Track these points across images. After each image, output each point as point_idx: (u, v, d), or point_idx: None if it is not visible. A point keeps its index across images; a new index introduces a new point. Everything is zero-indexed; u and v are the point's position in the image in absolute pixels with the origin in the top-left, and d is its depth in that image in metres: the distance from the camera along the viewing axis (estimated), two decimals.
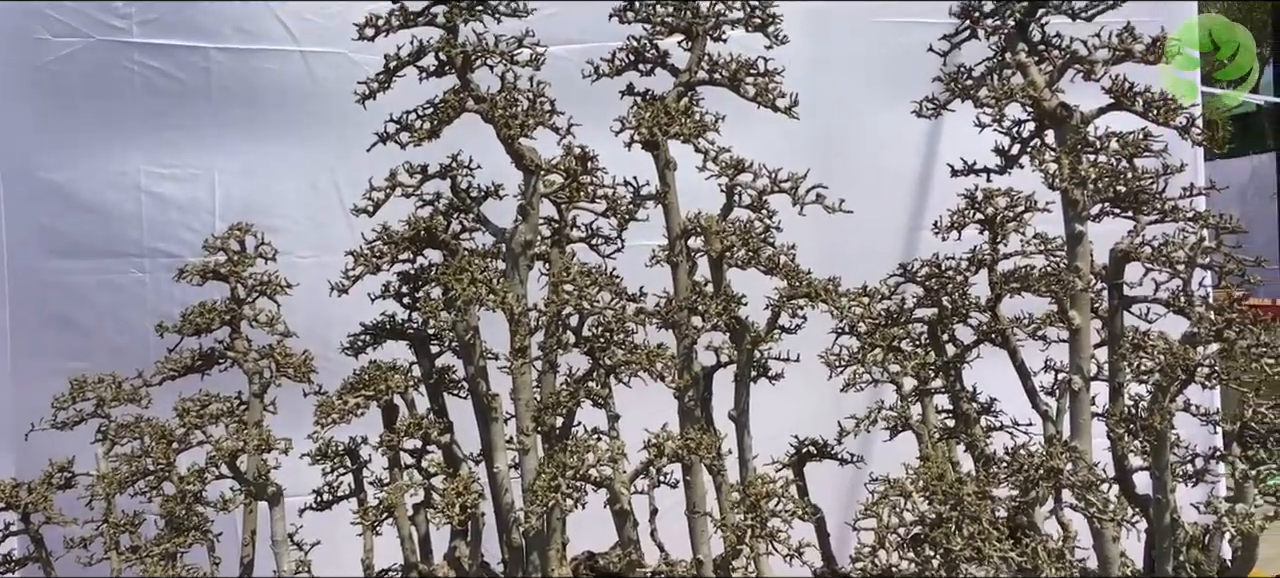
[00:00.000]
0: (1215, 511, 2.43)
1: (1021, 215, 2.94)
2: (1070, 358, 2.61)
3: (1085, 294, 2.58)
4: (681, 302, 2.58)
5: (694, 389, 2.71)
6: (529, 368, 2.62)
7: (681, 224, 2.64)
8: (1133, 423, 2.47)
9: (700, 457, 2.42)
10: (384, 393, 2.65)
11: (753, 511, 2.28)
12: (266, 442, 2.67)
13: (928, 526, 2.09)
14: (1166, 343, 2.44)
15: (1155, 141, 2.61)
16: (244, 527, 2.85)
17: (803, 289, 2.55)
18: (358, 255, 2.67)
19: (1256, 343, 2.34)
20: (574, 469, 2.30)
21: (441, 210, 2.82)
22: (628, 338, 2.62)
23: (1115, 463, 2.75)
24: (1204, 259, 2.51)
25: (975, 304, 2.94)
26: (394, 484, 2.71)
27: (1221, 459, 2.55)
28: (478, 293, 2.58)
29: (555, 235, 2.89)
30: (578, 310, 2.53)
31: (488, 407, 2.72)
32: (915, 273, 2.94)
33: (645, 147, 2.59)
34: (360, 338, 2.92)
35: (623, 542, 2.47)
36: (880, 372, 2.71)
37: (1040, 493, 2.41)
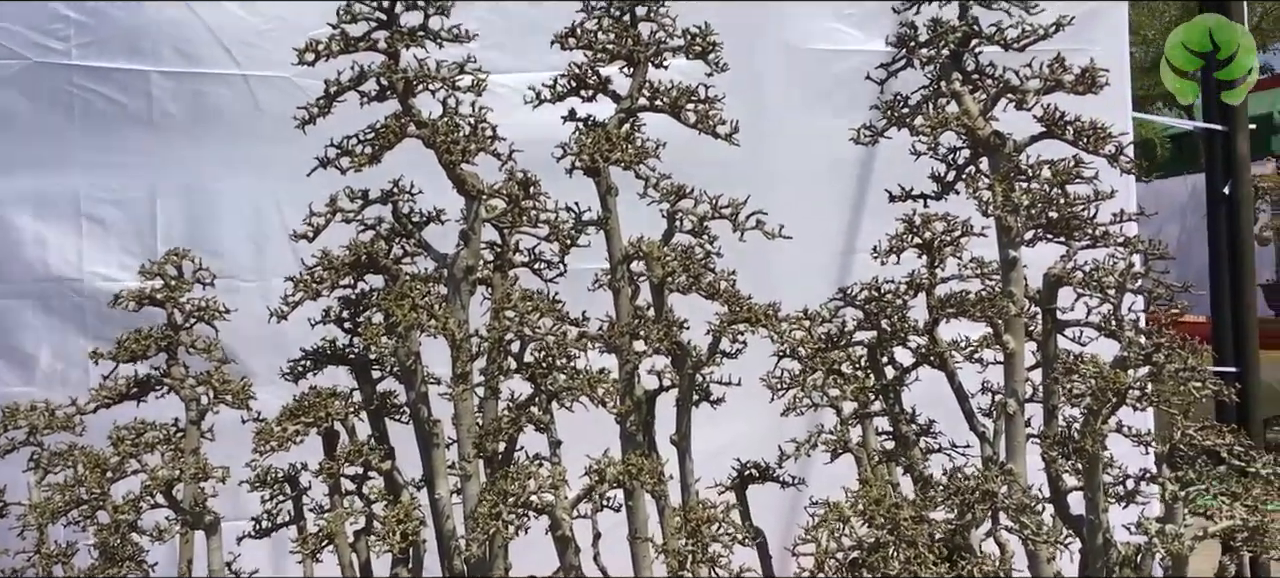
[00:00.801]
0: (1146, 531, 2.48)
1: (958, 240, 2.99)
2: (1005, 381, 2.66)
3: (1019, 319, 2.63)
4: (623, 327, 2.59)
5: (636, 414, 2.72)
6: (470, 394, 2.62)
7: (623, 249, 2.66)
8: (1066, 445, 2.51)
9: (641, 483, 2.43)
10: (324, 419, 2.63)
11: (694, 536, 2.29)
12: (203, 470, 2.64)
13: (865, 550, 2.11)
14: (1097, 367, 2.49)
15: (1086, 169, 2.67)
16: (180, 557, 2.81)
17: (743, 314, 2.57)
18: (297, 281, 2.65)
19: (1184, 366, 2.40)
20: (515, 496, 2.30)
21: (383, 235, 2.82)
22: (570, 363, 2.63)
23: (1050, 484, 2.80)
24: (1133, 284, 2.56)
25: (913, 327, 2.98)
26: (334, 512, 2.69)
27: (1152, 481, 2.61)
28: (418, 318, 2.57)
29: (498, 260, 2.90)
30: (519, 336, 2.54)
31: (429, 433, 2.71)
32: (855, 297, 2.98)
33: (587, 172, 2.61)
34: (300, 363, 2.90)
35: (564, 568, 2.47)
36: (820, 395, 2.73)
37: (976, 515, 2.44)
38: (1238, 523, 2.49)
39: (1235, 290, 3.97)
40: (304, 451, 2.88)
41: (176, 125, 3.63)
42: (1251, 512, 2.49)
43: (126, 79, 3.61)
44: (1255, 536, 2.53)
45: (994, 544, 2.98)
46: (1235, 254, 3.95)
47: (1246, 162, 3.98)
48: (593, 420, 2.68)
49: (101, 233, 3.63)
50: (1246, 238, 3.93)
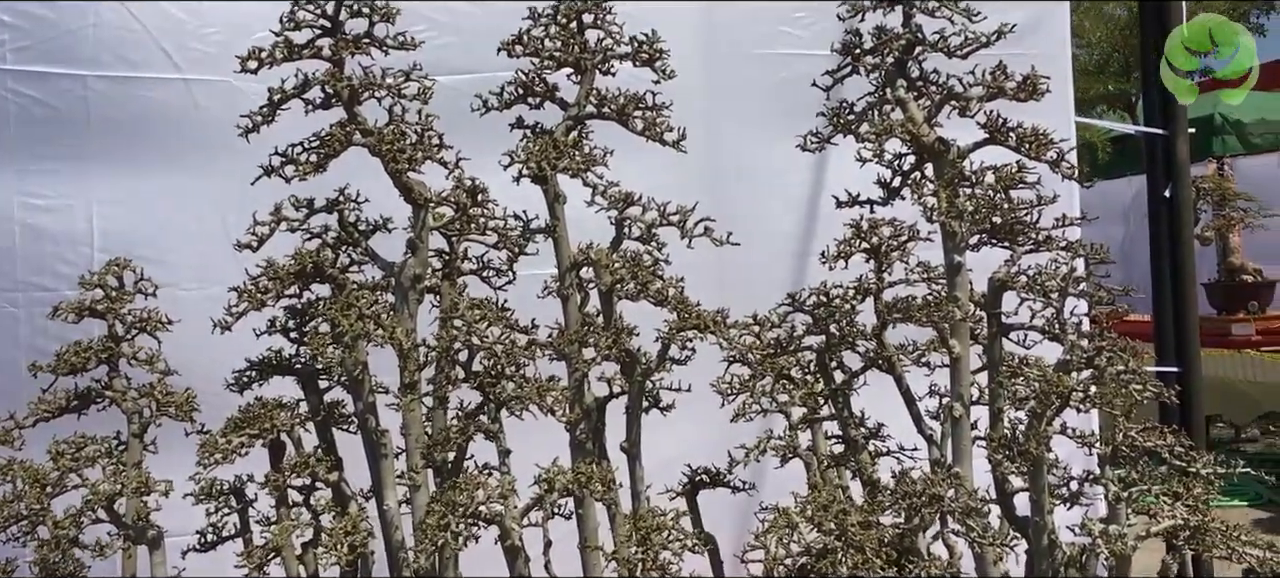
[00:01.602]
0: (1090, 532, 2.51)
1: (905, 245, 3.01)
2: (951, 385, 2.69)
3: (964, 323, 2.65)
4: (572, 334, 2.58)
5: (586, 422, 2.72)
6: (418, 403, 2.60)
7: (571, 257, 2.65)
8: (1011, 447, 2.54)
9: (591, 491, 2.42)
10: (269, 431, 2.60)
11: (643, 543, 2.28)
12: (145, 483, 2.59)
13: (813, 555, 2.12)
14: (1041, 370, 2.52)
15: (1029, 174, 2.71)
16: (123, 571, 2.76)
17: (691, 321, 2.57)
18: (241, 291, 2.62)
19: (1125, 369, 2.44)
20: (464, 506, 2.28)
21: (329, 244, 2.79)
22: (519, 371, 2.61)
23: (996, 487, 2.83)
24: (1075, 288, 2.60)
25: (861, 332, 3.00)
26: (280, 524, 2.65)
27: (1095, 482, 2.64)
28: (365, 328, 2.55)
29: (446, 268, 2.88)
30: (467, 345, 2.52)
31: (377, 443, 2.69)
32: (804, 302, 2.99)
33: (534, 180, 2.60)
34: (245, 374, 2.86)
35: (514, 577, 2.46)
36: (769, 401, 2.74)
37: (924, 519, 2.46)
38: (1180, 522, 2.53)
39: (1176, 291, 4.04)
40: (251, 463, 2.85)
41: (115, 131, 3.56)
42: (1192, 511, 2.53)
43: (62, 84, 3.53)
44: (1197, 534, 2.57)
45: (943, 547, 3.02)
46: (1176, 256, 4.02)
47: (1186, 164, 4.05)
48: (543, 429, 2.67)
49: (36, 241, 3.55)
50: (1187, 239, 4.00)
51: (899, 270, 3.05)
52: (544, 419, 2.64)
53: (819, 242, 2.98)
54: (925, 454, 2.99)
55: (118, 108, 3.57)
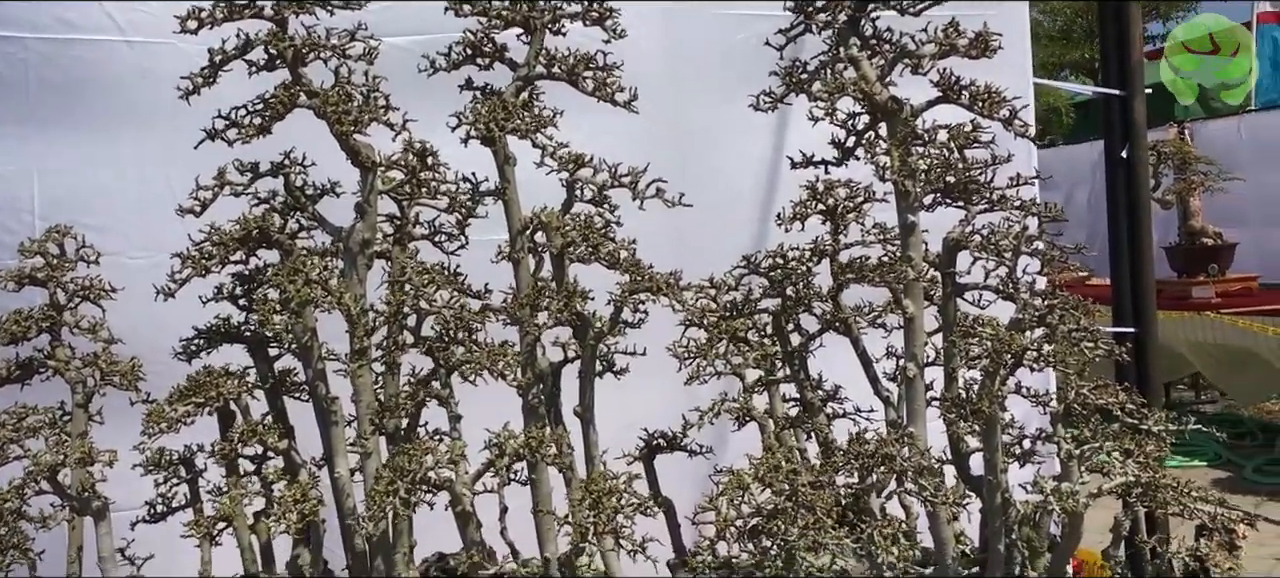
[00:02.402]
0: (1042, 490, 2.52)
1: (861, 206, 3.00)
2: (905, 346, 2.68)
3: (918, 283, 2.64)
4: (524, 298, 2.55)
5: (540, 386, 2.69)
6: (368, 370, 2.56)
7: (522, 220, 2.61)
8: (964, 407, 2.54)
9: (543, 455, 2.40)
10: (215, 399, 2.56)
11: (596, 507, 2.26)
12: (89, 454, 2.55)
13: (765, 516, 2.11)
14: (994, 329, 2.51)
15: (983, 133, 2.69)
16: (70, 543, 2.72)
17: (644, 283, 2.54)
18: (185, 257, 2.56)
19: (1077, 327, 2.43)
20: (412, 472, 2.25)
21: (277, 209, 2.74)
22: (471, 336, 2.58)
23: (951, 446, 2.83)
24: (1028, 247, 2.59)
25: (818, 294, 2.99)
26: (229, 493, 2.61)
27: (1048, 440, 2.65)
28: (312, 293, 2.50)
29: (397, 233, 2.83)
30: (415, 310, 2.48)
31: (327, 410, 2.65)
32: (759, 264, 2.98)
33: (483, 142, 2.56)
34: (193, 342, 2.81)
35: (466, 544, 2.44)
36: (723, 364, 2.73)
37: (877, 479, 2.46)
38: (1132, 479, 2.54)
39: (1134, 252, 4.05)
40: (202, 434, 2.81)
41: (57, 95, 3.47)
42: (1144, 468, 2.54)
43: (3, 46, 3.44)
44: (1149, 491, 2.58)
45: (899, 507, 3.02)
46: (1133, 217, 4.03)
47: (1143, 125, 4.05)
48: (498, 396, 2.64)
49: None
50: (1144, 200, 4.01)
51: (855, 232, 3.04)
52: (498, 386, 2.61)
53: (780, 206, 2.96)
54: (882, 416, 2.99)
55: (60, 71, 3.49)
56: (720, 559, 2.24)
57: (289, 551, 2.82)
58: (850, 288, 3.00)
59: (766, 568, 2.08)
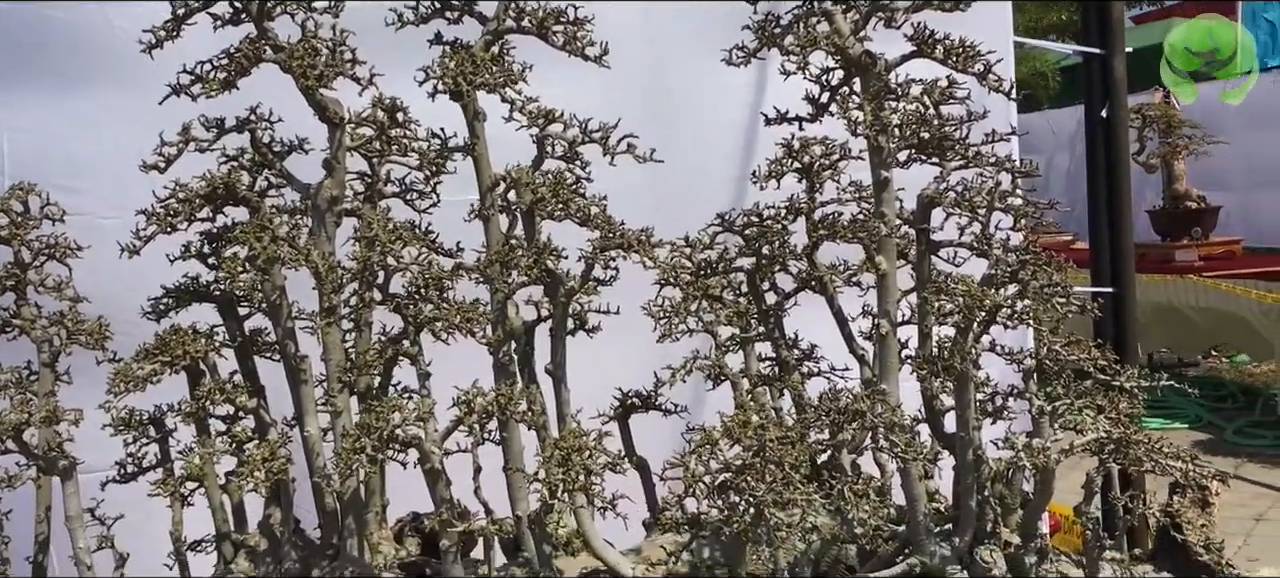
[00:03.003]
0: (1012, 446, 2.51)
1: (837, 164, 2.98)
2: (878, 303, 2.66)
3: (891, 239, 2.63)
4: (494, 255, 2.52)
5: (513, 345, 2.68)
6: (337, 328, 2.54)
7: (492, 176, 2.59)
8: (936, 363, 2.53)
9: (512, 412, 2.38)
10: (181, 358, 2.53)
11: (565, 464, 2.25)
12: (54, 413, 2.52)
13: (733, 472, 2.10)
14: (966, 285, 2.50)
15: (959, 89, 2.66)
16: (38, 503, 2.70)
17: (615, 240, 2.52)
18: (149, 214, 2.53)
19: (1049, 283, 2.42)
20: (378, 430, 2.23)
21: (245, 166, 2.70)
22: (442, 295, 2.56)
23: (925, 404, 2.82)
24: (1002, 202, 2.57)
25: (793, 252, 2.98)
26: (198, 452, 2.60)
27: (1020, 396, 2.64)
28: (278, 250, 2.48)
29: (368, 191, 2.81)
30: (382, 266, 2.46)
31: (297, 369, 2.63)
32: (733, 222, 2.96)
33: (452, 97, 2.52)
34: (161, 301, 2.79)
35: (436, 501, 2.42)
36: (696, 321, 2.71)
37: (848, 435, 2.45)
38: (1103, 436, 2.54)
39: (1112, 211, 4.04)
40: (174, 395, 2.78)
41: (26, 53, 3.42)
42: (1115, 424, 2.54)
43: None
44: (1121, 448, 2.58)
45: (874, 466, 3.02)
46: (1112, 176, 4.02)
47: (1123, 84, 4.03)
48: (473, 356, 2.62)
49: None
50: (1123, 160, 3.99)
51: (831, 190, 3.03)
52: (472, 346, 2.60)
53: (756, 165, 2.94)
54: (857, 375, 2.99)
55: (28, 29, 3.44)
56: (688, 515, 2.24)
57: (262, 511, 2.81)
58: (826, 246, 2.99)
59: (735, 524, 2.07)
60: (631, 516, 2.91)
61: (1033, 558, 2.60)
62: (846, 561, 2.87)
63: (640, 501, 2.91)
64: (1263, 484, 7.24)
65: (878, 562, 2.64)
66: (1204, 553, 2.85)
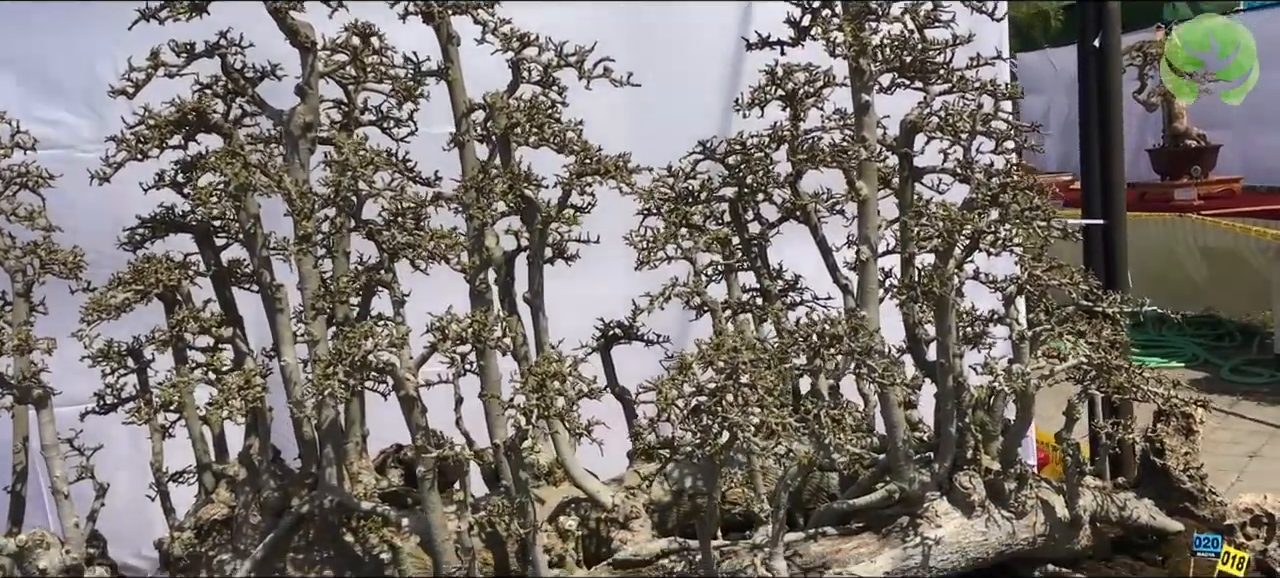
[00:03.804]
0: (992, 371, 2.50)
1: (821, 91, 2.93)
2: (858, 229, 2.64)
3: (871, 164, 2.59)
4: (469, 181, 2.49)
5: (493, 274, 2.66)
6: (312, 256, 2.51)
7: (468, 102, 2.55)
8: (915, 289, 2.51)
9: (486, 339, 2.36)
10: (154, 286, 2.51)
11: (539, 390, 2.23)
12: (27, 342, 2.51)
13: (707, 395, 2.08)
14: (946, 210, 2.47)
15: (944, 10, 2.62)
16: (15, 433, 2.69)
17: (592, 166, 2.49)
18: (120, 140, 2.50)
19: (1029, 206, 2.39)
20: (350, 357, 2.22)
21: (217, 93, 2.67)
22: (418, 223, 2.53)
23: (907, 332, 2.80)
24: (985, 126, 2.54)
25: (776, 181, 2.94)
26: (173, 382, 2.58)
27: (1000, 321, 2.62)
28: (250, 178, 2.45)
29: (345, 120, 2.77)
30: (354, 192, 2.43)
31: (273, 298, 2.61)
32: (715, 150, 2.92)
33: (424, 19, 2.48)
34: (137, 231, 2.76)
35: (411, 428, 2.41)
36: (674, 248, 2.68)
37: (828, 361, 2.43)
38: (1084, 361, 2.52)
39: (1104, 141, 3.99)
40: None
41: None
42: (1097, 350, 2.52)
43: None
44: (1103, 374, 2.57)
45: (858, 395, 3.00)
46: (1104, 105, 3.96)
47: (1117, 13, 3.96)
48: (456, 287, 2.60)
49: None
50: (1115, 90, 3.93)
51: (815, 118, 2.98)
52: (454, 279, 2.58)
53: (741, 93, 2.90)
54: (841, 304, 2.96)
55: None
56: (662, 440, 2.23)
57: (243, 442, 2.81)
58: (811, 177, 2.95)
59: (708, 448, 2.06)
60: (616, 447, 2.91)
61: (1012, 484, 2.59)
62: (829, 489, 2.88)
63: (623, 431, 2.91)
64: (1258, 421, 7.24)
65: (857, 489, 2.64)
66: (1186, 480, 2.84)
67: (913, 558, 2.53)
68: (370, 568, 2.69)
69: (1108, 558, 2.79)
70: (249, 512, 2.63)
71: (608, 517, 2.66)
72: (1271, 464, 6.43)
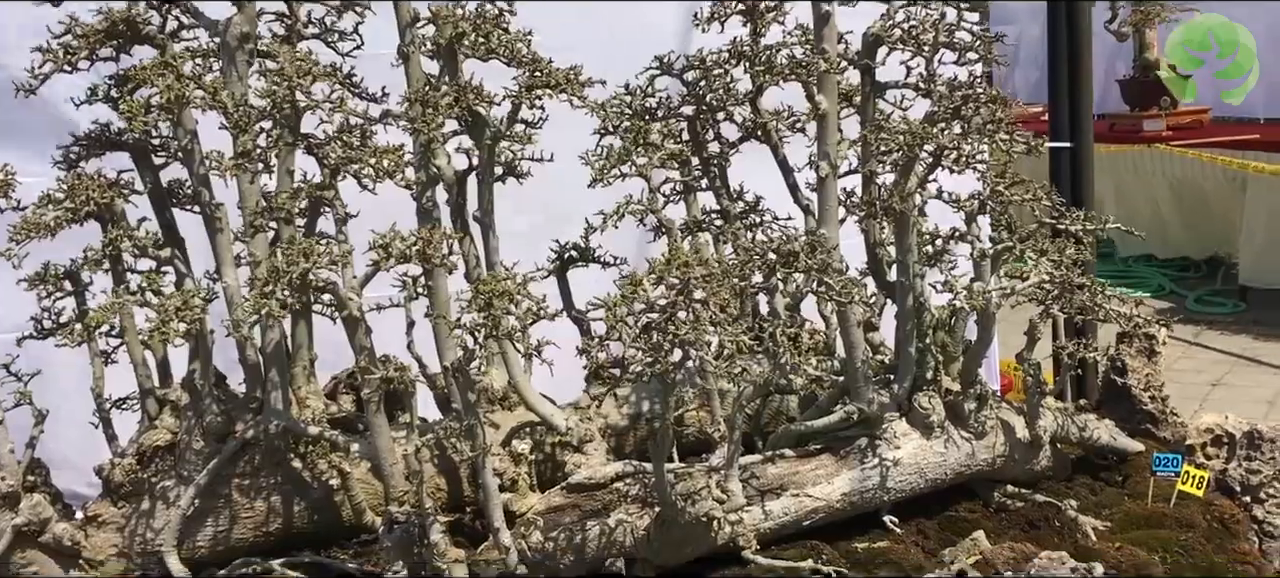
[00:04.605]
0: (953, 289, 2.45)
1: (782, 4, 2.85)
2: (818, 144, 2.57)
3: (831, 76, 2.52)
4: (412, 93, 2.40)
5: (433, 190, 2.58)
6: (247, 171, 2.42)
7: (412, 10, 2.45)
8: (875, 206, 2.44)
9: (433, 257, 2.28)
10: (86, 204, 2.41)
11: (486, 309, 2.16)
12: None
13: (657, 311, 2.02)
14: (908, 123, 2.40)
15: None
16: None
17: (543, 78, 2.40)
18: (45, 50, 2.39)
19: (991, 119, 2.32)
20: (288, 275, 2.13)
21: (153, 5, 2.55)
22: (366, 138, 2.44)
23: (868, 252, 2.75)
24: (949, 37, 2.46)
25: (736, 98, 2.86)
26: (109, 302, 2.49)
27: (962, 239, 2.57)
28: (184, 89, 2.34)
29: (288, 33, 2.66)
30: (290, 104, 2.33)
31: (212, 216, 2.52)
32: (673, 66, 2.83)
33: None
34: (72, 149, 2.66)
35: (355, 350, 2.34)
36: (629, 166, 2.61)
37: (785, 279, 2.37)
38: (1046, 278, 2.47)
39: (1072, 67, 3.93)
40: None
41: None
42: (1059, 267, 2.47)
43: None
44: (1065, 293, 2.52)
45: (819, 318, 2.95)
46: (1073, 33, 3.90)
47: None
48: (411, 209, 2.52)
49: None
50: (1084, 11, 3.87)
51: (777, 34, 2.90)
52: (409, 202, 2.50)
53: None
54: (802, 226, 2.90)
55: None
56: (613, 359, 2.16)
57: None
58: (772, 96, 2.88)
59: (658, 365, 1.99)
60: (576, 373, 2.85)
61: (972, 404, 2.55)
62: (788, 413, 2.83)
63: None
64: (1221, 351, 7.28)
65: (815, 411, 2.59)
66: (1147, 401, 2.81)
67: (871, 479, 2.49)
68: (319, 494, 2.63)
69: (1068, 479, 2.76)
70: (192, 438, 2.55)
71: (562, 441, 2.61)
72: (1234, 392, 6.48)
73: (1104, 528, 2.56)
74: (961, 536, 2.44)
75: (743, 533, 2.35)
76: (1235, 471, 2.66)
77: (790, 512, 2.44)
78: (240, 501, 2.58)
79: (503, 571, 2.32)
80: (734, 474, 2.33)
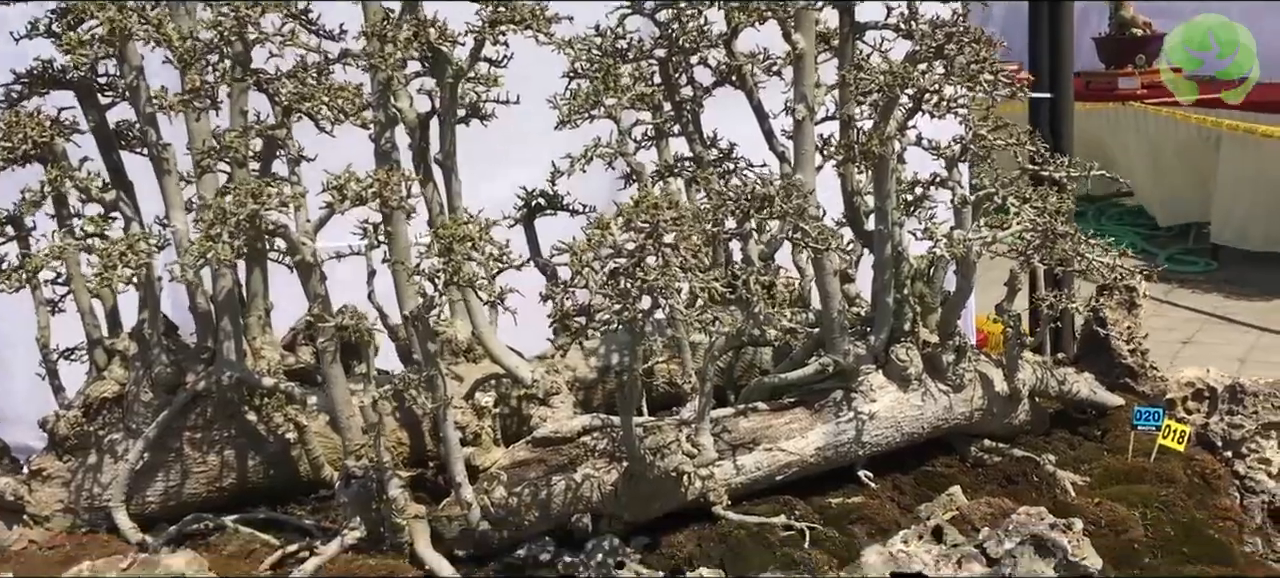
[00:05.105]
0: (931, 234, 2.37)
1: None
2: (794, 86, 2.47)
3: (808, 14, 2.41)
4: (369, 28, 2.28)
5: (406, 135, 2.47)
6: (194, 109, 2.30)
7: None
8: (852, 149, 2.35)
9: (389, 200, 2.17)
10: (24, 142, 2.29)
11: (445, 254, 2.06)
12: None
13: (625, 256, 1.92)
14: (888, 64, 2.31)
15: None
16: None
17: (507, 14, 2.29)
18: None
19: (975, 59, 2.23)
20: (235, 216, 2.02)
21: None
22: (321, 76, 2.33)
23: (845, 199, 2.66)
24: None
25: (710, 39, 2.76)
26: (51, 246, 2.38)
27: (942, 184, 2.49)
28: (128, 23, 2.22)
29: None
30: (239, 37, 2.21)
31: (160, 158, 2.40)
32: (643, 4, 2.72)
33: None
34: (12, 88, 2.52)
35: (309, 296, 2.23)
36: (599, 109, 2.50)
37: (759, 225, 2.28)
38: (1027, 226, 2.40)
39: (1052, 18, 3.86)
40: None
41: None
42: (1041, 215, 2.39)
43: None
44: (1047, 241, 2.45)
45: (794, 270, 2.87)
46: None
47: None
48: None
49: None
50: None
51: None
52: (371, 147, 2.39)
53: None
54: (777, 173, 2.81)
55: None
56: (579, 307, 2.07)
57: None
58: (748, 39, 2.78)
59: (626, 313, 1.90)
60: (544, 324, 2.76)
61: (950, 357, 2.48)
62: (761, 366, 2.75)
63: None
64: (1192, 309, 7.28)
65: (789, 363, 2.51)
66: (1127, 354, 2.75)
67: (846, 433, 2.42)
68: (275, 448, 2.54)
69: (1046, 433, 2.70)
70: (140, 389, 2.45)
71: (527, 394, 2.52)
72: (1205, 349, 6.47)
73: (1083, 483, 2.50)
74: (938, 491, 2.38)
75: (713, 488, 2.28)
76: (1217, 425, 2.61)
77: (763, 466, 2.37)
78: (192, 455, 2.48)
79: (465, 527, 2.24)
80: (705, 428, 2.25)
